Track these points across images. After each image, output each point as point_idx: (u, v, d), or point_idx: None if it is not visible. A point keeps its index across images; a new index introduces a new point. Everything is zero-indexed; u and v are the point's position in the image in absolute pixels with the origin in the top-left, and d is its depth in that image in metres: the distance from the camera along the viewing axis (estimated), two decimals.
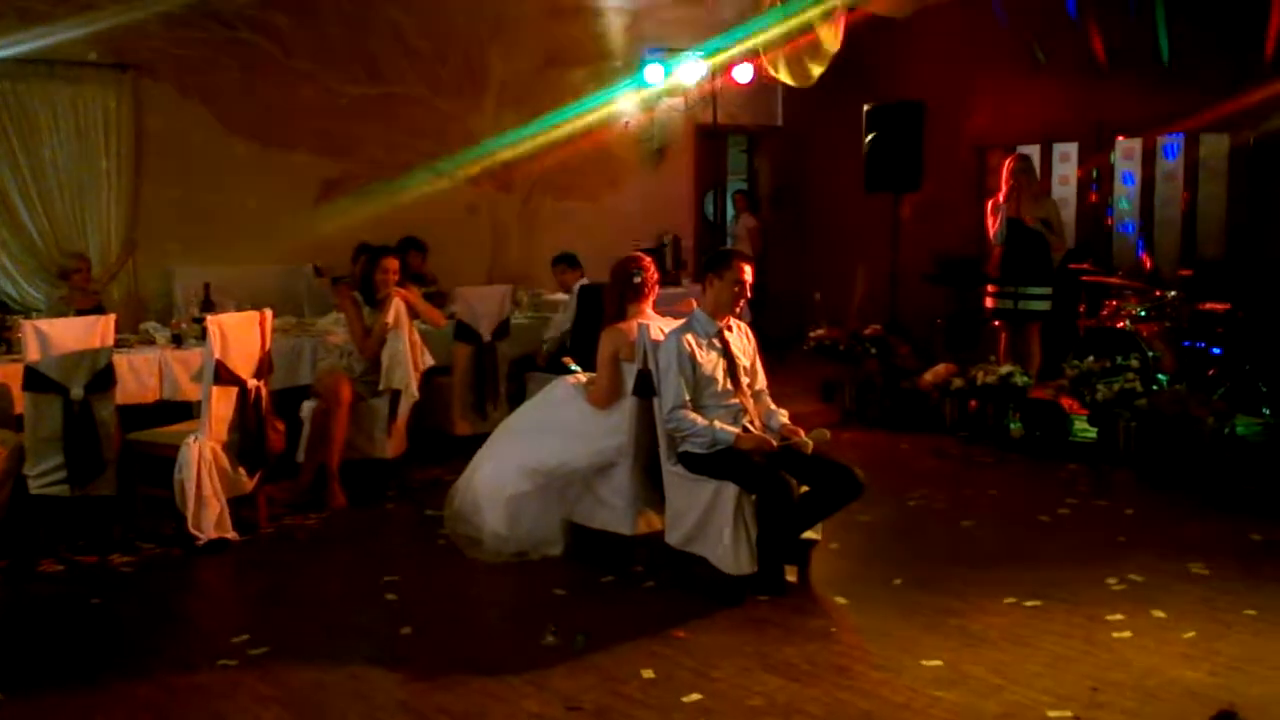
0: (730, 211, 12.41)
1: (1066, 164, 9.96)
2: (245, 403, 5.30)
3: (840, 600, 4.42)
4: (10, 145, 7.33)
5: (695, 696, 3.53)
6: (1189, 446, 6.32)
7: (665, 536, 4.67)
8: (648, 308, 5.12)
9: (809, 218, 11.97)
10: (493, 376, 6.97)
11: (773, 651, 3.89)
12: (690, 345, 4.55)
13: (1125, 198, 9.54)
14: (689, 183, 11.36)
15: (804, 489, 4.44)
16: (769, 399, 4.79)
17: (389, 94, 8.97)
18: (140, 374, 5.68)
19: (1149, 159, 9.42)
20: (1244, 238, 8.70)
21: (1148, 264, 8.07)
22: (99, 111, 7.62)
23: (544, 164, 9.95)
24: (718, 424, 4.48)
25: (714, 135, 11.47)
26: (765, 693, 3.57)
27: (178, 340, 6.04)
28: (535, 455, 4.99)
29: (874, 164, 8.60)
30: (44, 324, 5.10)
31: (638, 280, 5.08)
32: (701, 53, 10.28)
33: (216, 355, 5.11)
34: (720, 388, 4.59)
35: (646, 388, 4.70)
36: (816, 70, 9.46)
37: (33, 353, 4.94)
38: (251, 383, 5.33)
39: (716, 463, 4.43)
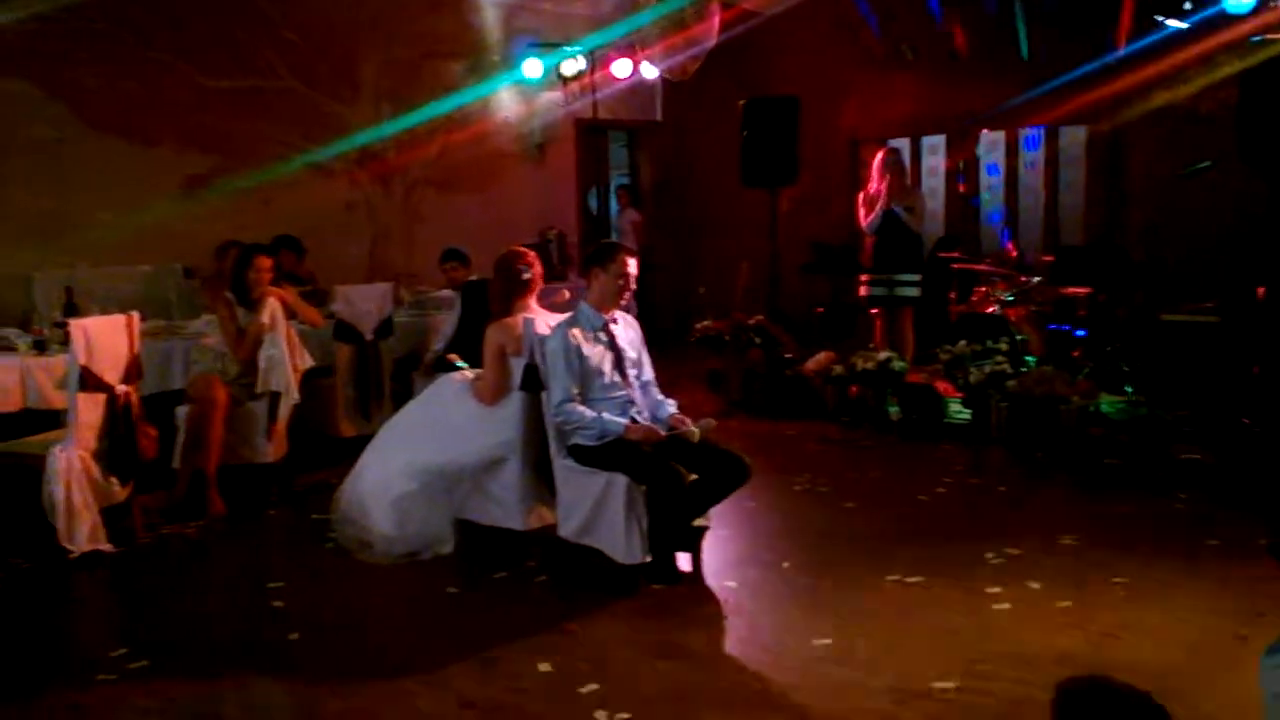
0: (614, 206, 12.45)
1: (935, 156, 10.30)
2: (114, 409, 5.09)
3: (731, 585, 4.49)
4: None
5: (592, 687, 3.54)
6: (1057, 425, 6.61)
7: (557, 530, 4.67)
8: (533, 302, 5.11)
9: (691, 211, 12.10)
10: (376, 376, 6.84)
11: (667, 638, 3.93)
12: (576, 339, 4.55)
13: (990, 188, 9.92)
14: (571, 178, 11.36)
15: (693, 477, 4.49)
16: (657, 390, 4.82)
17: (258, 86, 8.71)
18: (2, 382, 5.40)
19: (1012, 150, 9.82)
20: (1103, 224, 9.13)
21: (1013, 252, 8.40)
22: None
23: (424, 158, 9.82)
24: (606, 416, 4.49)
25: (595, 130, 11.50)
26: (661, 680, 3.60)
27: (40, 346, 5.76)
28: (422, 454, 4.93)
29: (750, 158, 8.72)
30: None
31: (526, 276, 5.08)
32: (580, 47, 10.30)
33: (82, 361, 4.89)
34: (607, 380, 4.60)
35: (534, 382, 4.69)
36: (693, 65, 9.58)
37: None
38: (120, 388, 5.12)
39: (606, 454, 4.45)
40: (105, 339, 5.07)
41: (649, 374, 4.82)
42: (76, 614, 4.62)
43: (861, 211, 8.52)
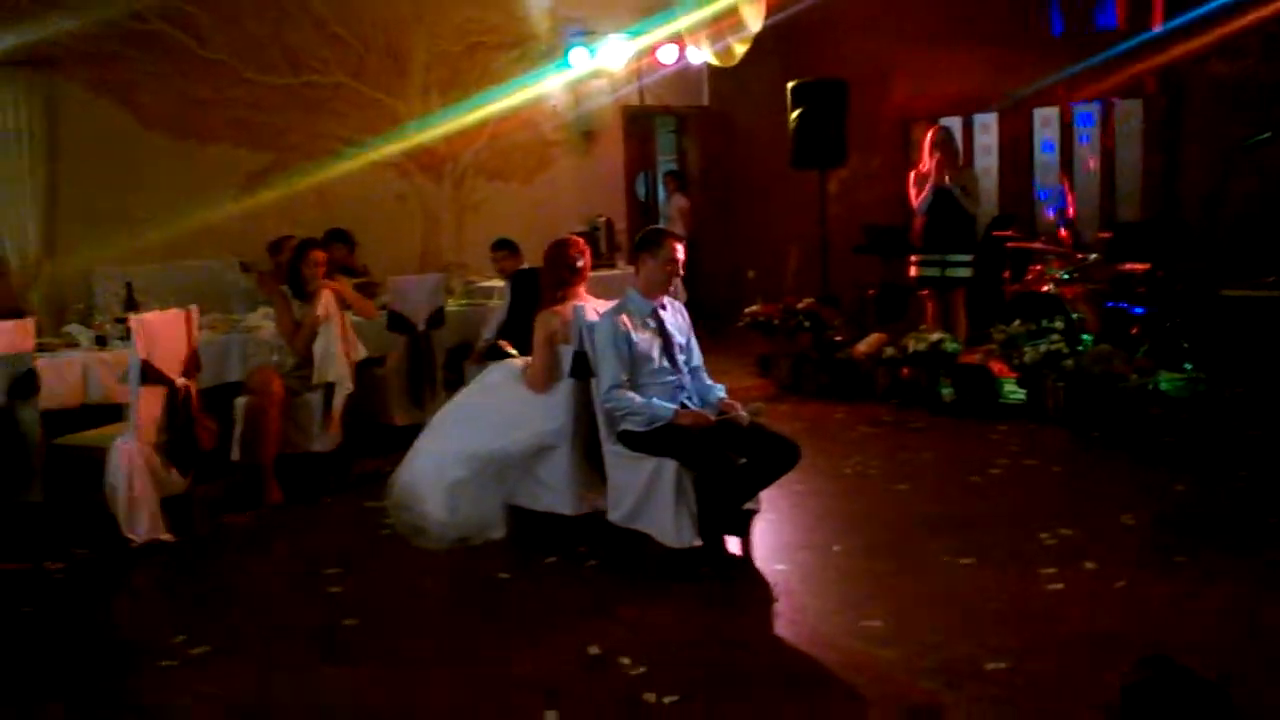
0: (662, 193, 12.44)
1: (987, 134, 10.15)
2: (174, 402, 5.20)
3: (781, 568, 4.48)
4: None
5: (641, 670, 3.56)
6: (1114, 404, 6.49)
7: (607, 515, 4.69)
8: (582, 290, 5.13)
9: (739, 196, 12.05)
10: (429, 366, 6.92)
11: (717, 621, 3.94)
12: (625, 325, 4.56)
13: (1045, 165, 9.75)
14: (619, 165, 11.37)
15: (742, 461, 4.48)
16: (706, 374, 4.82)
17: (310, 83, 8.83)
18: (64, 377, 5.55)
19: (1066, 126, 9.64)
20: (1160, 198, 8.93)
21: (1065, 237, 8.24)
22: (10, 112, 7.41)
23: (473, 148, 9.89)
24: (655, 401, 4.50)
25: (642, 117, 11.50)
26: (710, 663, 3.60)
27: (101, 341, 5.91)
28: (474, 441, 4.98)
29: (800, 141, 8.67)
30: None
31: (580, 264, 5.11)
32: (626, 34, 10.29)
33: (142, 355, 5.01)
34: (656, 365, 4.61)
35: (583, 369, 4.71)
36: (740, 49, 9.52)
37: None
38: (180, 381, 5.24)
39: (655, 440, 4.46)
40: (165, 333, 5.19)
41: (698, 359, 4.81)
42: (137, 602, 4.74)
43: (912, 191, 8.42)
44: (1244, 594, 3.94)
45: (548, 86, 10.39)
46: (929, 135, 8.39)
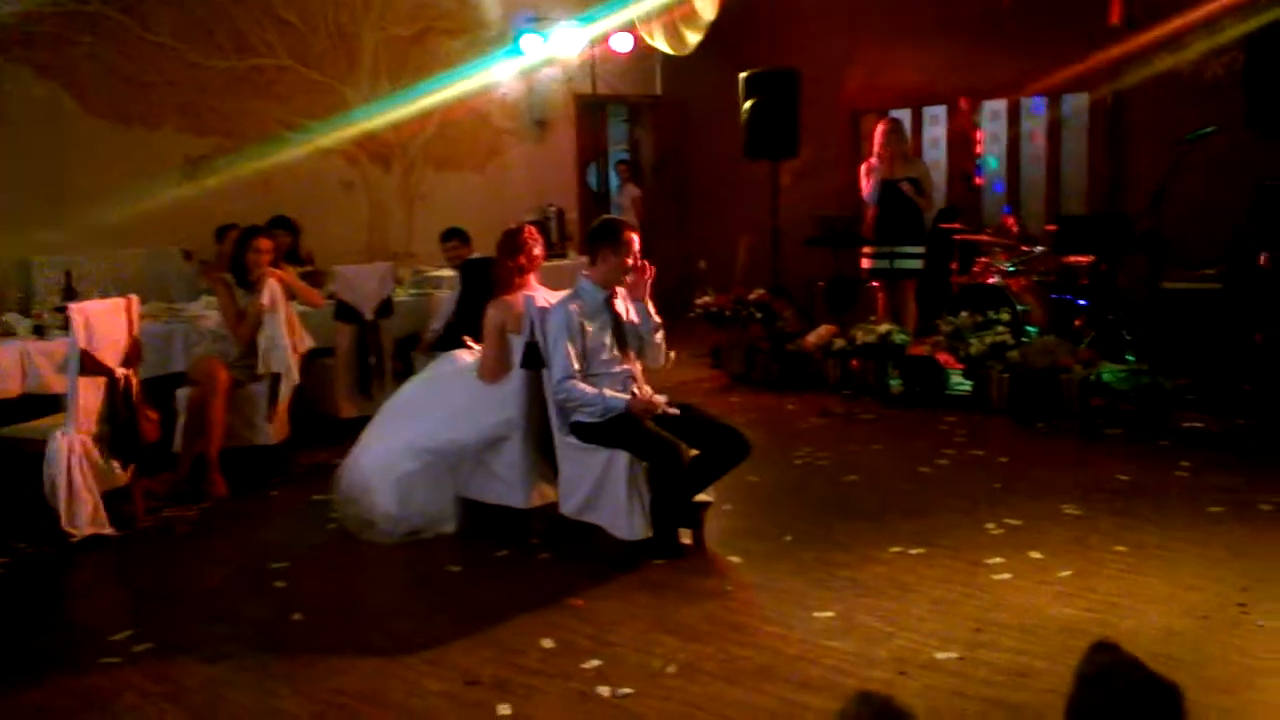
0: (614, 182, 12.40)
1: (936, 126, 10.25)
2: (114, 393, 5.09)
3: (734, 559, 4.49)
4: None
5: (595, 663, 3.55)
6: (1058, 395, 6.59)
7: (559, 507, 4.67)
8: (533, 280, 5.10)
9: (691, 186, 12.05)
10: (377, 356, 6.84)
11: (670, 613, 3.94)
12: (577, 315, 4.54)
13: (992, 158, 9.87)
14: (571, 153, 11.31)
15: (694, 453, 4.49)
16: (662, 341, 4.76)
17: (256, 66, 8.67)
18: (1, 367, 5.40)
19: (1014, 120, 9.76)
20: (1105, 192, 9.08)
21: (1014, 228, 8.34)
22: None
23: (422, 135, 9.78)
24: (608, 392, 4.48)
25: (594, 105, 11.44)
26: (664, 654, 3.60)
27: (40, 331, 5.76)
28: (424, 432, 4.94)
29: (753, 131, 8.68)
30: None
31: (533, 253, 5.08)
32: (578, 21, 10.23)
33: (81, 344, 4.89)
34: (608, 356, 4.59)
35: (535, 359, 4.68)
36: (693, 39, 9.51)
37: None
38: (120, 372, 5.12)
39: (608, 431, 4.44)
40: (105, 322, 5.07)
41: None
42: (79, 598, 4.64)
43: (864, 183, 8.48)
44: (1186, 582, 4.02)
45: (499, 73, 10.30)
46: (879, 127, 8.45)
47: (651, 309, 4.73)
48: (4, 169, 7.38)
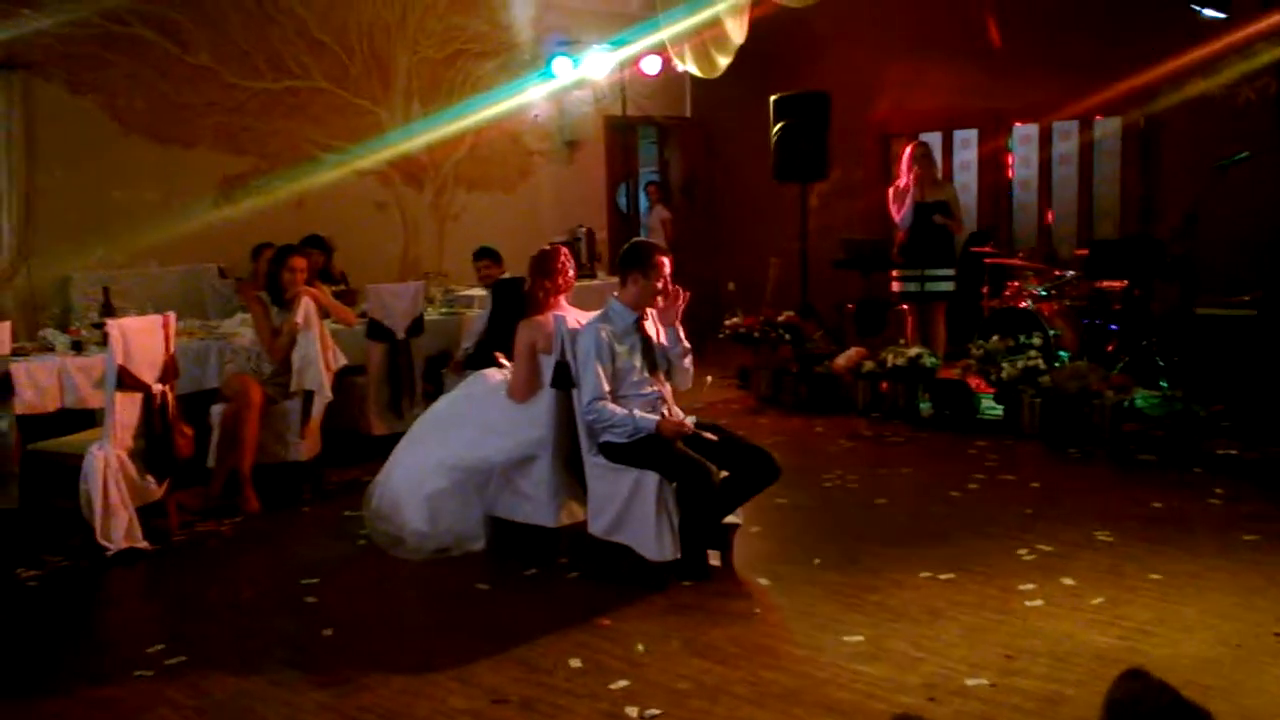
0: (644, 203, 12.45)
1: (967, 150, 10.23)
2: (150, 408, 5.16)
3: (763, 582, 4.48)
4: None
5: (622, 683, 3.55)
6: (1091, 420, 6.54)
7: (588, 527, 4.68)
8: (564, 300, 5.13)
9: (720, 208, 12.08)
10: (408, 374, 6.89)
11: (698, 635, 3.93)
12: (607, 336, 4.56)
13: (1022, 181, 9.84)
14: (601, 175, 11.36)
15: (724, 474, 4.49)
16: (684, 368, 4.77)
17: (292, 88, 8.78)
18: (40, 382, 5.47)
19: (1045, 143, 9.73)
20: (1136, 216, 9.03)
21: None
22: None
23: (454, 156, 9.87)
24: (637, 413, 4.50)
25: (624, 127, 11.50)
26: (692, 676, 3.60)
27: (78, 347, 5.84)
28: (454, 450, 4.96)
29: (782, 153, 8.71)
30: None
31: (572, 273, 5.13)
32: (609, 44, 10.31)
33: (119, 360, 4.96)
34: (638, 378, 4.61)
35: (565, 380, 4.70)
36: (723, 61, 9.55)
37: None
38: (156, 388, 5.19)
39: (637, 452, 4.45)
40: (142, 339, 5.15)
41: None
42: (113, 611, 4.69)
43: (892, 206, 8.47)
44: (1221, 610, 3.97)
45: (530, 95, 10.38)
46: (908, 150, 8.45)
47: (681, 334, 4.75)
48: (43, 188, 7.50)
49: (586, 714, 3.38)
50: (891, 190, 8.53)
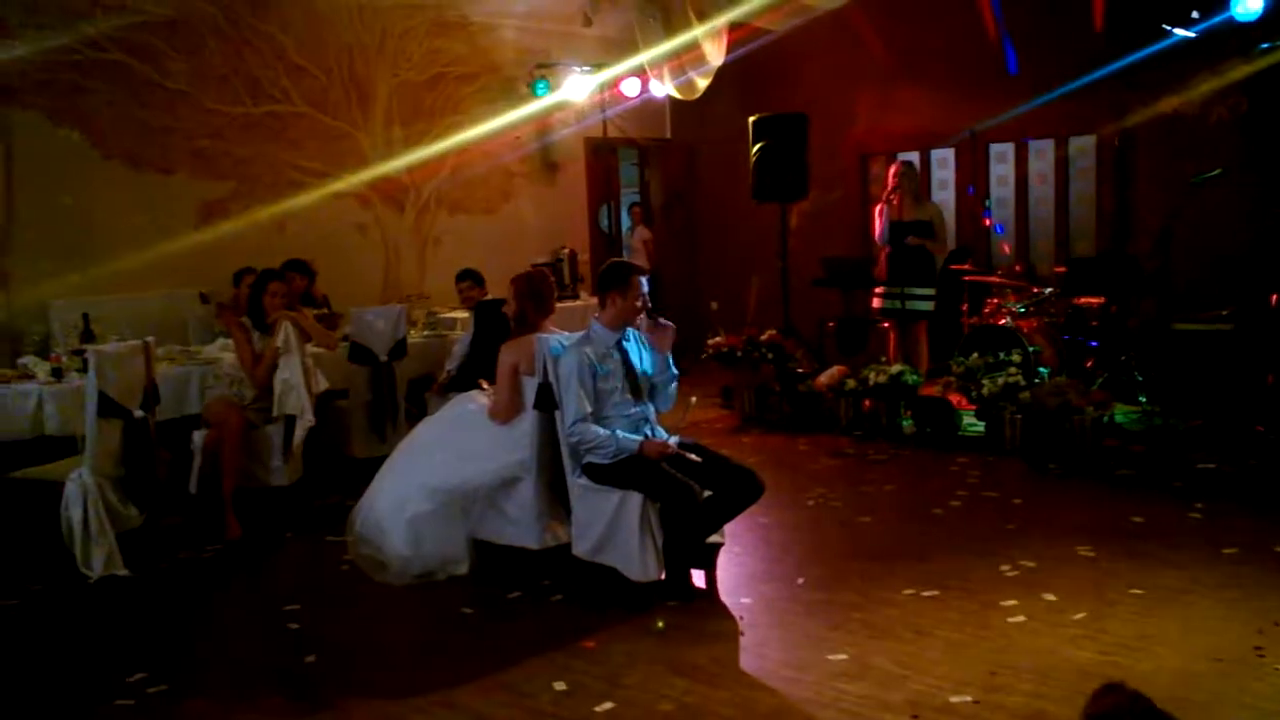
0: (625, 224, 12.49)
1: (945, 169, 10.31)
2: (131, 435, 5.13)
3: (746, 601, 4.49)
4: None
5: (607, 705, 3.54)
6: (1071, 436, 6.59)
7: (572, 548, 4.67)
8: (548, 322, 5.14)
9: (701, 228, 12.14)
10: (391, 397, 6.88)
11: (682, 655, 3.93)
12: (589, 357, 4.57)
13: (999, 200, 9.92)
14: (582, 196, 11.40)
15: (707, 494, 4.50)
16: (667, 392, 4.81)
17: (271, 112, 8.79)
18: (19, 409, 5.45)
19: (1021, 162, 9.82)
20: (1112, 233, 9.11)
21: (1007, 250, 8.35)
22: None
23: (435, 179, 9.89)
24: (620, 434, 4.51)
25: (605, 148, 11.55)
26: (675, 696, 3.60)
27: (58, 374, 5.81)
28: (437, 473, 4.95)
29: (761, 173, 8.76)
30: None
31: (551, 297, 5.15)
32: (589, 67, 10.37)
33: (99, 387, 4.94)
34: (620, 399, 4.62)
35: (548, 401, 4.70)
36: (702, 84, 9.62)
37: None
38: (137, 414, 5.17)
39: (621, 472, 4.46)
40: (122, 365, 5.12)
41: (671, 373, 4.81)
42: (94, 639, 4.64)
43: (877, 224, 8.54)
44: (1202, 624, 4.00)
45: (511, 118, 10.42)
46: (892, 169, 8.53)
47: (670, 362, 4.77)
48: (22, 214, 7.48)
49: None
50: (877, 208, 8.62)
